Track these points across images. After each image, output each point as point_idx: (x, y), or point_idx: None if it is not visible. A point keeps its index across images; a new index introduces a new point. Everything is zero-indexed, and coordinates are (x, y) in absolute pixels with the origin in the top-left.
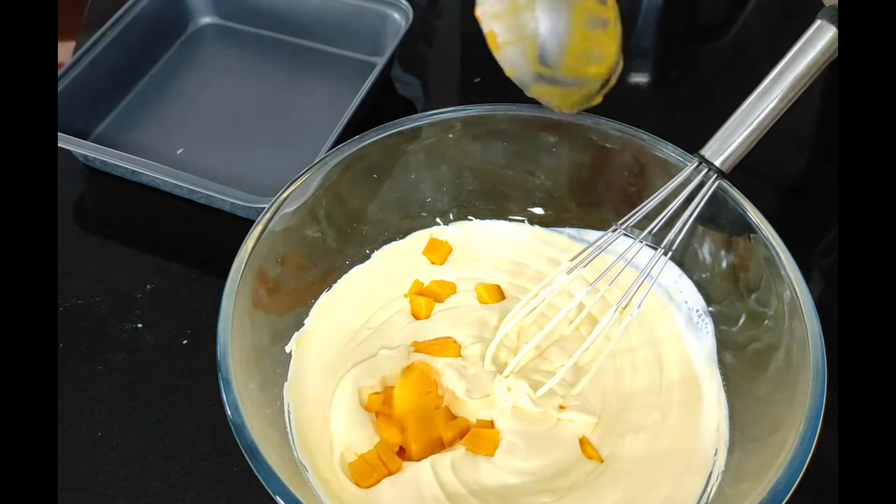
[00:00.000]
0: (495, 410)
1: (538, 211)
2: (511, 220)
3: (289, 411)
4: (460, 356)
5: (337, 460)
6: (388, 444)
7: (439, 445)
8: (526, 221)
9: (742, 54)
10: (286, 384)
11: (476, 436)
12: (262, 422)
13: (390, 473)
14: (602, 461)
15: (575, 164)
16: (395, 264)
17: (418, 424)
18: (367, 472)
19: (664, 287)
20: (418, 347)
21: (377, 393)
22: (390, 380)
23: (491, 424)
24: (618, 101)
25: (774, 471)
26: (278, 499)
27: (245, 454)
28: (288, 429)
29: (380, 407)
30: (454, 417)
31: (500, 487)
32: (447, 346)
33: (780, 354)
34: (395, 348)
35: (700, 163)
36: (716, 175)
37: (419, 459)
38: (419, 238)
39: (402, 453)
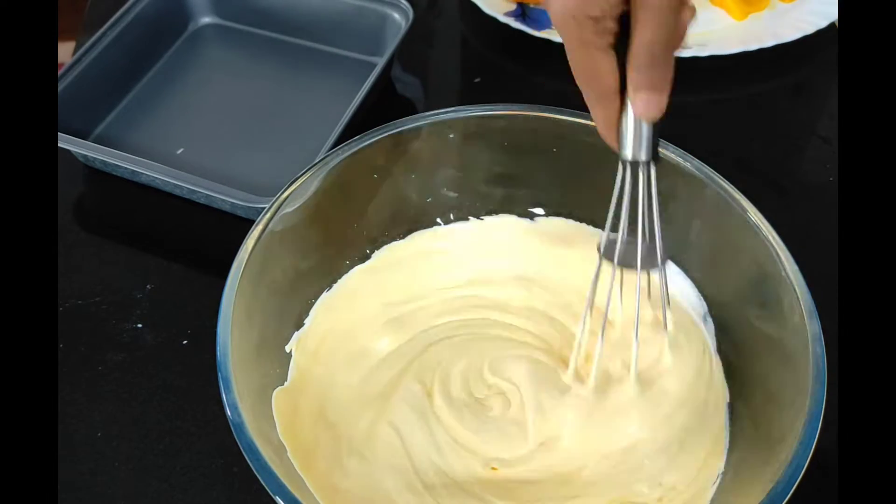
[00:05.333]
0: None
1: (539, 211)
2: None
3: None
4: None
5: None
6: None
7: None
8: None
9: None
10: (286, 384)
11: None
12: (261, 422)
13: None
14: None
15: (576, 165)
16: (397, 264)
17: None
18: None
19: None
20: None
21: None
22: None
23: None
24: None
25: (774, 471)
26: (277, 499)
27: (245, 454)
28: None
29: None
30: None
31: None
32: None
33: (780, 355)
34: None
35: (626, 166)
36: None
37: None
38: (420, 238)
39: None
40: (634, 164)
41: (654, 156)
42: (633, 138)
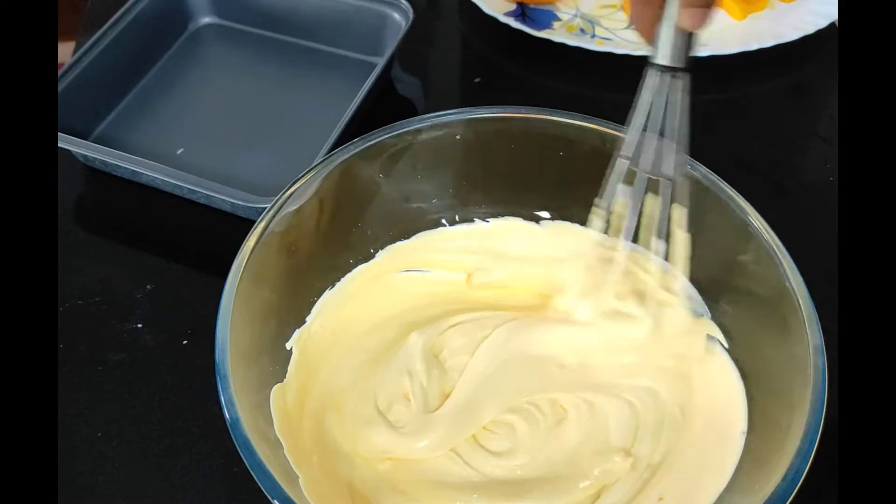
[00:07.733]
0: None
1: (545, 214)
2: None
3: None
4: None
5: None
6: None
7: None
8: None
9: None
10: (285, 381)
11: None
12: (259, 420)
13: None
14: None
15: (583, 168)
16: (400, 264)
17: None
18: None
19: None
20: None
21: None
22: None
23: None
24: (622, 104)
25: (774, 481)
26: (272, 499)
27: (239, 451)
28: None
29: None
30: None
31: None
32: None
33: (780, 358)
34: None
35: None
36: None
37: None
38: (424, 238)
39: None
40: (667, 71)
41: (689, 65)
42: (671, 45)
